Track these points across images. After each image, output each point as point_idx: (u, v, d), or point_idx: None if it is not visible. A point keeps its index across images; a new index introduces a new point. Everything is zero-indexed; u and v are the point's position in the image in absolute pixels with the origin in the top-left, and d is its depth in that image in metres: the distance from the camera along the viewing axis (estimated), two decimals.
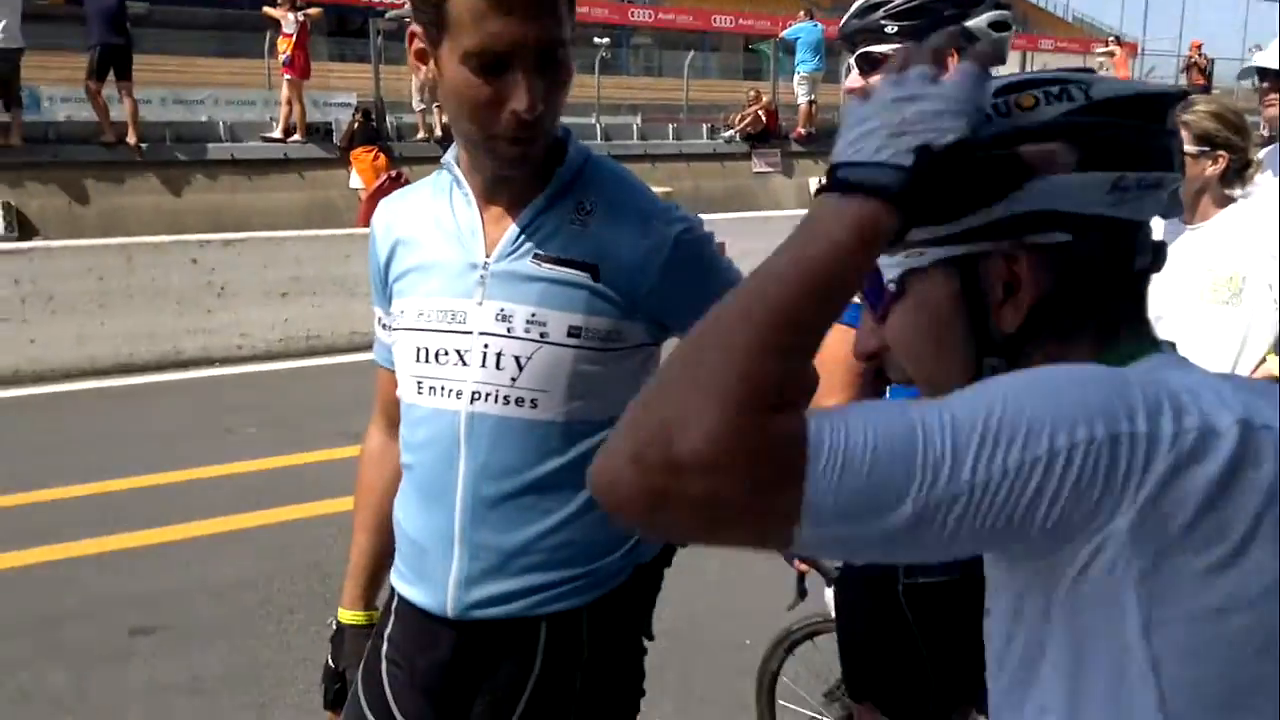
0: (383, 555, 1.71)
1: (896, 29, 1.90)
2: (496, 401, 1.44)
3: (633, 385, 1.46)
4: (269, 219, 12.06)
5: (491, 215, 1.48)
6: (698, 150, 17.56)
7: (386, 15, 15.35)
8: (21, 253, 7.45)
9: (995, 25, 1.92)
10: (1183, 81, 24.11)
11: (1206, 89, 20.84)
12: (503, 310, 1.43)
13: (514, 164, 1.39)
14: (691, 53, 22.50)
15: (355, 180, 12.94)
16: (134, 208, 12.41)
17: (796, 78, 16.57)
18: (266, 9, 14.01)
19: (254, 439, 5.92)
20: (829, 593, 2.16)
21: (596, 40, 19.52)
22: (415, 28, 1.36)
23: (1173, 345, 0.88)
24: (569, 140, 1.50)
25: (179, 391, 7.10)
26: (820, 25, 16.58)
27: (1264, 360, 2.69)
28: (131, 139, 12.40)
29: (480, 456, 1.45)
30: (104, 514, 4.76)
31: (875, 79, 1.88)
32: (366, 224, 9.51)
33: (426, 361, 1.48)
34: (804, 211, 0.82)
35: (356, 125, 13.34)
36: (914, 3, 1.90)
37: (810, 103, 16.78)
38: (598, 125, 16.79)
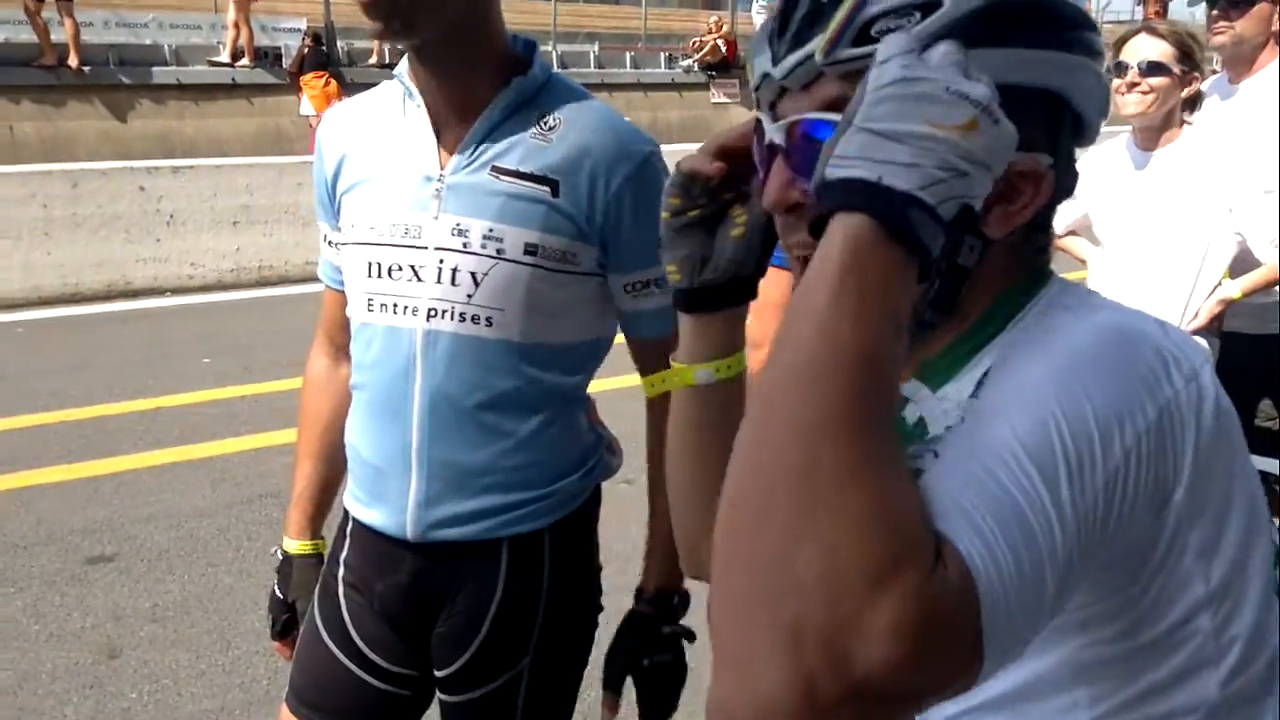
0: (329, 483, 1.70)
1: None
2: (452, 318, 1.41)
3: (585, 313, 1.47)
4: (218, 146, 11.81)
5: (445, 123, 1.43)
6: (656, 80, 17.37)
7: None
8: None
9: None
10: (1139, 12, 24.14)
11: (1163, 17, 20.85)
12: (459, 225, 1.40)
13: (368, 12, 1.32)
14: None
15: (306, 106, 12.67)
16: (78, 133, 12.08)
17: (755, 6, 16.36)
18: None
19: (207, 369, 5.86)
20: None
21: None
22: None
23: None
24: (533, 54, 1.47)
25: (129, 321, 6.98)
26: None
27: (1220, 282, 2.76)
28: (73, 62, 12.03)
29: (437, 374, 1.43)
30: (57, 443, 4.70)
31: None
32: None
33: (379, 277, 1.45)
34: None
35: (306, 50, 13.03)
36: None
37: None
38: (554, 53, 16.53)
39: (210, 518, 4.05)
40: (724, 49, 16.46)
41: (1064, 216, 3.01)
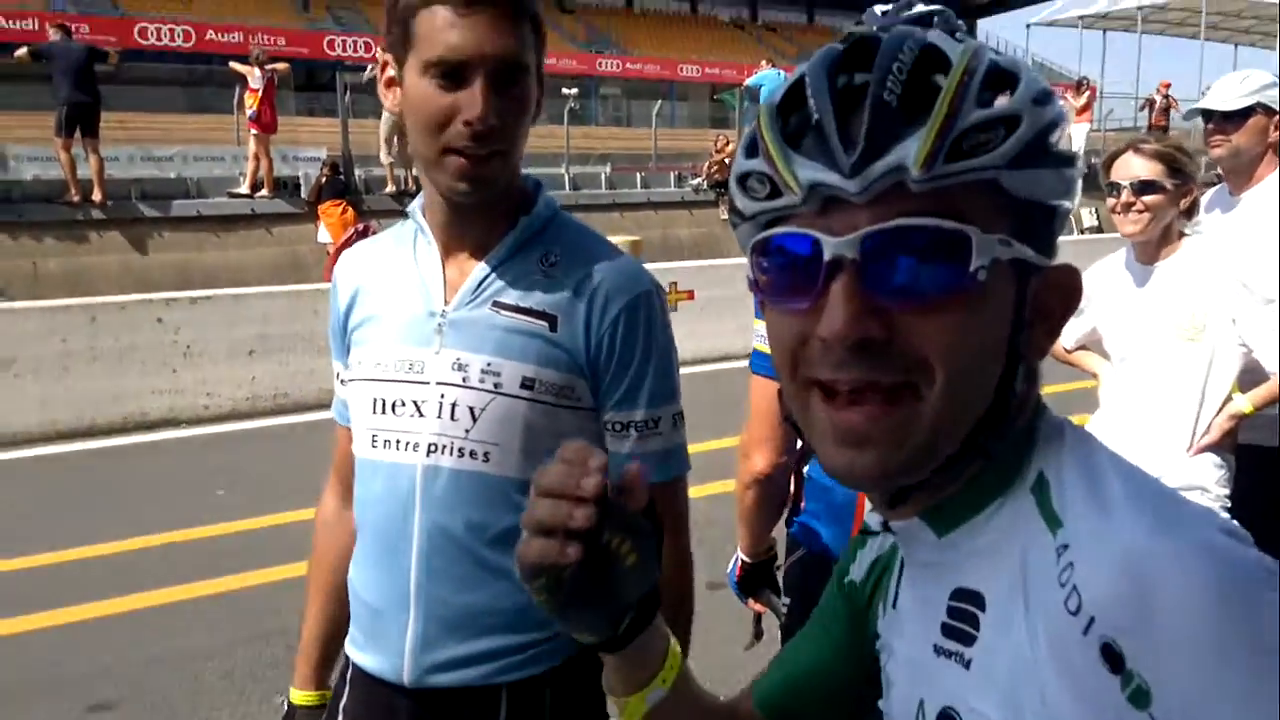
0: (337, 629, 1.66)
1: None
2: (452, 453, 1.41)
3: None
4: (236, 275, 12.01)
5: (454, 262, 1.46)
6: (666, 198, 17.70)
7: (364, 74, 15.45)
8: None
9: None
10: (1141, 121, 24.60)
11: (1165, 130, 21.24)
12: (459, 359, 1.42)
13: (467, 181, 1.36)
14: (659, 102, 22.76)
15: (323, 234, 12.93)
16: (99, 266, 12.33)
17: None
18: (233, 64, 14.08)
19: (222, 501, 5.83)
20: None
21: (565, 91, 19.70)
22: (385, 56, 1.41)
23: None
24: (538, 191, 1.50)
25: (144, 454, 6.99)
26: (783, 73, 16.70)
27: (1230, 397, 2.71)
28: (97, 196, 12.36)
29: (436, 511, 1.42)
30: (66, 583, 4.65)
31: None
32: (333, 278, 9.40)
33: (383, 413, 1.46)
34: None
35: (324, 179, 13.36)
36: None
37: None
38: (566, 175, 16.90)
39: (217, 659, 3.97)
40: (730, 166, 16.75)
41: (1072, 331, 2.99)
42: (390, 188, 14.49)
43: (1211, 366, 2.66)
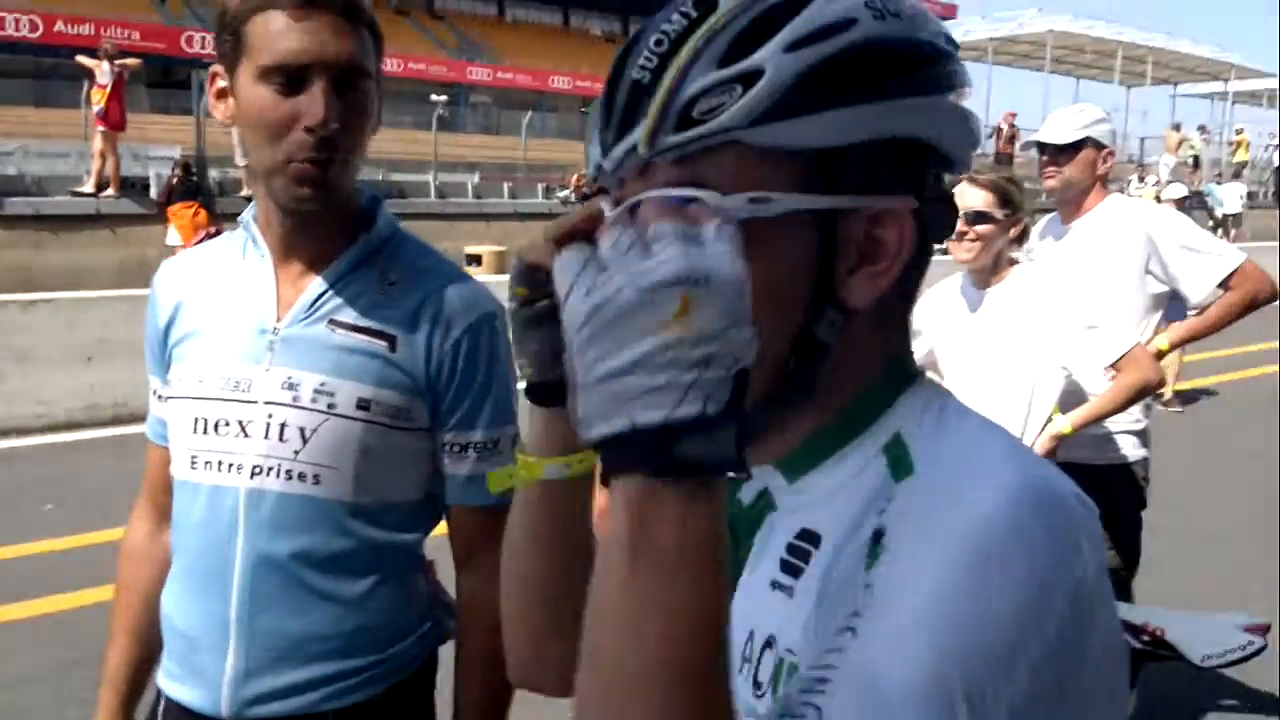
0: (147, 660, 1.59)
1: None
2: (278, 476, 1.36)
3: (421, 469, 1.44)
4: (79, 278, 11.43)
5: (288, 277, 1.41)
6: (533, 209, 17.67)
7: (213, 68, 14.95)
8: None
9: None
10: (990, 148, 25.77)
11: (1011, 157, 22.28)
12: (290, 378, 1.37)
13: (307, 188, 1.32)
14: (530, 113, 22.68)
15: (173, 236, 12.47)
16: None
17: None
18: (81, 58, 13.46)
19: (51, 516, 5.53)
20: None
21: (434, 97, 19.51)
22: (216, 67, 1.36)
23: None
24: (377, 207, 1.46)
25: None
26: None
27: (1051, 417, 2.84)
28: None
29: (260, 537, 1.37)
30: None
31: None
32: None
33: (204, 433, 1.39)
34: None
35: (176, 180, 12.90)
36: None
37: None
38: (433, 182, 16.70)
39: (45, 683, 3.75)
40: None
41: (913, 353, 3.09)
42: (246, 190, 14.06)
43: (1035, 389, 2.80)
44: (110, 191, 13.11)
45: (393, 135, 21.91)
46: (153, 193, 13.30)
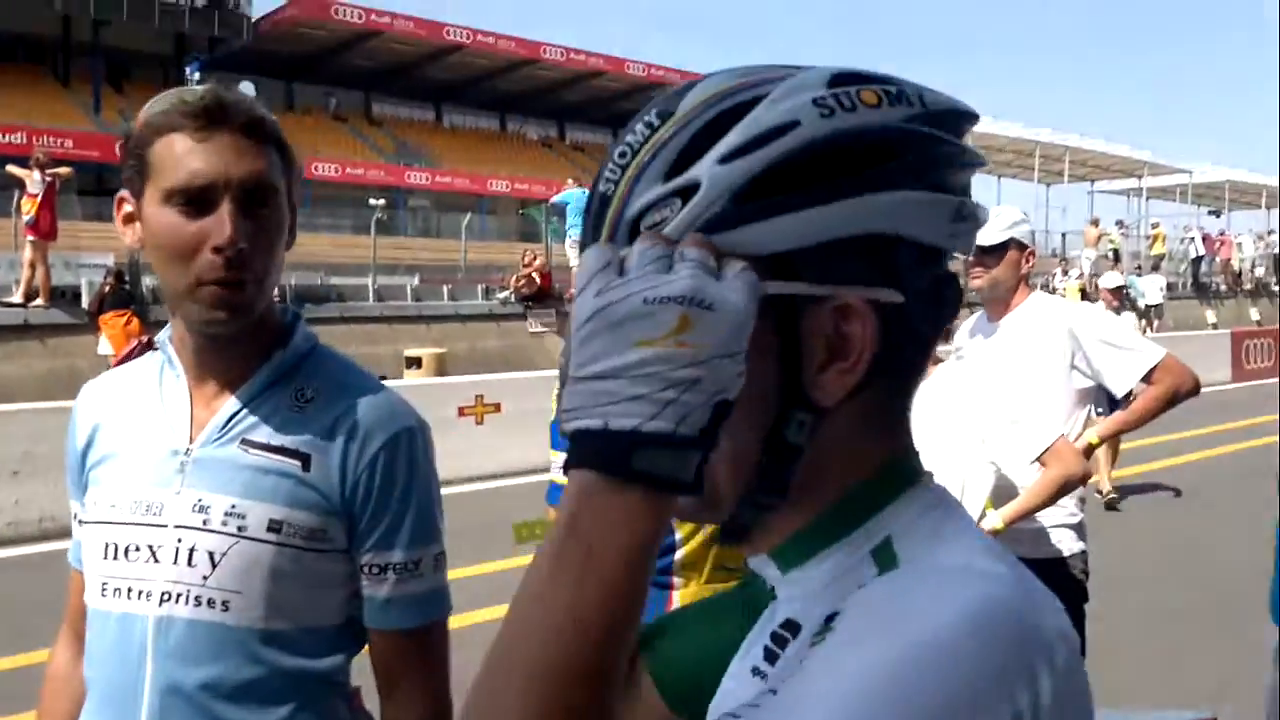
0: None
1: None
2: (188, 602, 1.32)
3: (339, 593, 1.40)
4: (6, 390, 11.15)
5: (202, 397, 1.38)
6: (474, 310, 17.69)
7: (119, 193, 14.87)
8: None
9: None
10: None
11: None
12: (200, 500, 1.33)
13: (221, 311, 1.30)
14: (468, 215, 22.88)
15: (105, 346, 12.28)
16: None
17: (568, 241, 17.08)
18: (10, 168, 13.31)
19: None
20: None
21: (373, 201, 19.60)
22: (122, 192, 1.35)
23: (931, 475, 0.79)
24: (296, 325, 1.44)
25: None
26: (589, 192, 17.19)
27: (984, 514, 2.87)
28: None
29: (168, 667, 1.32)
30: None
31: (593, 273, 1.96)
32: None
33: (115, 558, 1.35)
34: None
35: (108, 288, 12.72)
36: None
37: None
38: (372, 285, 16.68)
39: None
40: (539, 280, 17.00)
41: None
42: None
43: (965, 484, 2.83)
44: (39, 301, 12.87)
45: (332, 239, 21.97)
46: (84, 302, 13.08)
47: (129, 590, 1.34)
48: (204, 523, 1.32)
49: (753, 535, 0.74)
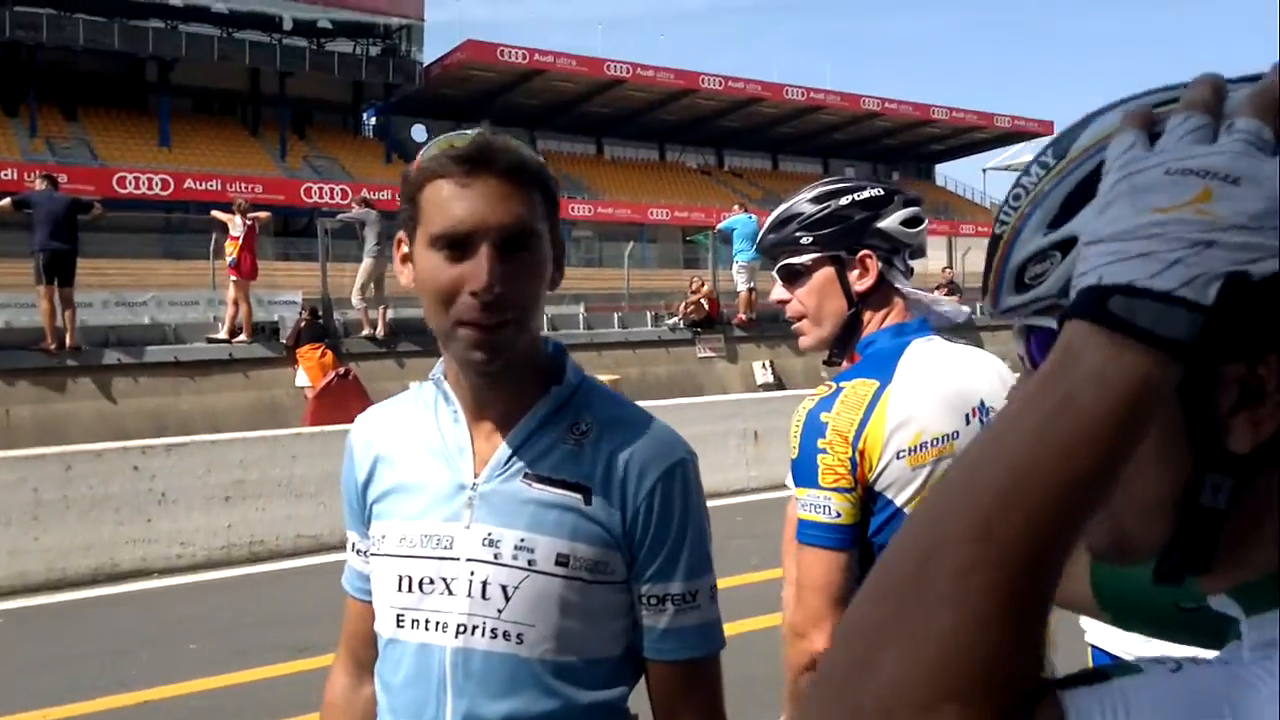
0: None
1: (811, 239, 1.95)
2: (484, 635, 1.34)
3: (621, 623, 1.40)
4: (212, 421, 11.90)
5: (481, 432, 1.41)
6: (643, 337, 17.87)
7: (337, 216, 15.69)
8: None
9: (907, 222, 1.97)
10: None
11: None
12: (490, 535, 1.35)
13: (479, 351, 1.32)
14: (631, 244, 23.17)
15: (302, 378, 12.90)
16: (72, 414, 12.18)
17: (735, 267, 17.06)
18: (215, 213, 14.24)
19: (195, 655, 5.61)
20: None
21: None
22: (400, 234, 1.40)
23: None
24: (565, 359, 1.46)
25: (116, 605, 6.76)
26: (755, 217, 17.23)
27: None
28: (70, 342, 12.28)
29: (468, 697, 1.34)
30: None
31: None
32: (314, 423, 9.31)
33: (410, 591, 1.38)
34: (749, 396, 0.69)
35: (304, 323, 13.38)
36: (824, 212, 1.95)
37: (750, 290, 17.23)
38: (545, 315, 17.05)
39: None
40: (707, 306, 17.06)
41: None
42: (366, 330, 14.56)
43: None
44: (243, 337, 13.66)
45: None
46: (281, 337, 13.82)
47: (426, 622, 1.37)
48: (495, 556, 1.35)
49: (1219, 571, 0.65)
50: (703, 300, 17.04)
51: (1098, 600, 0.91)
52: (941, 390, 1.86)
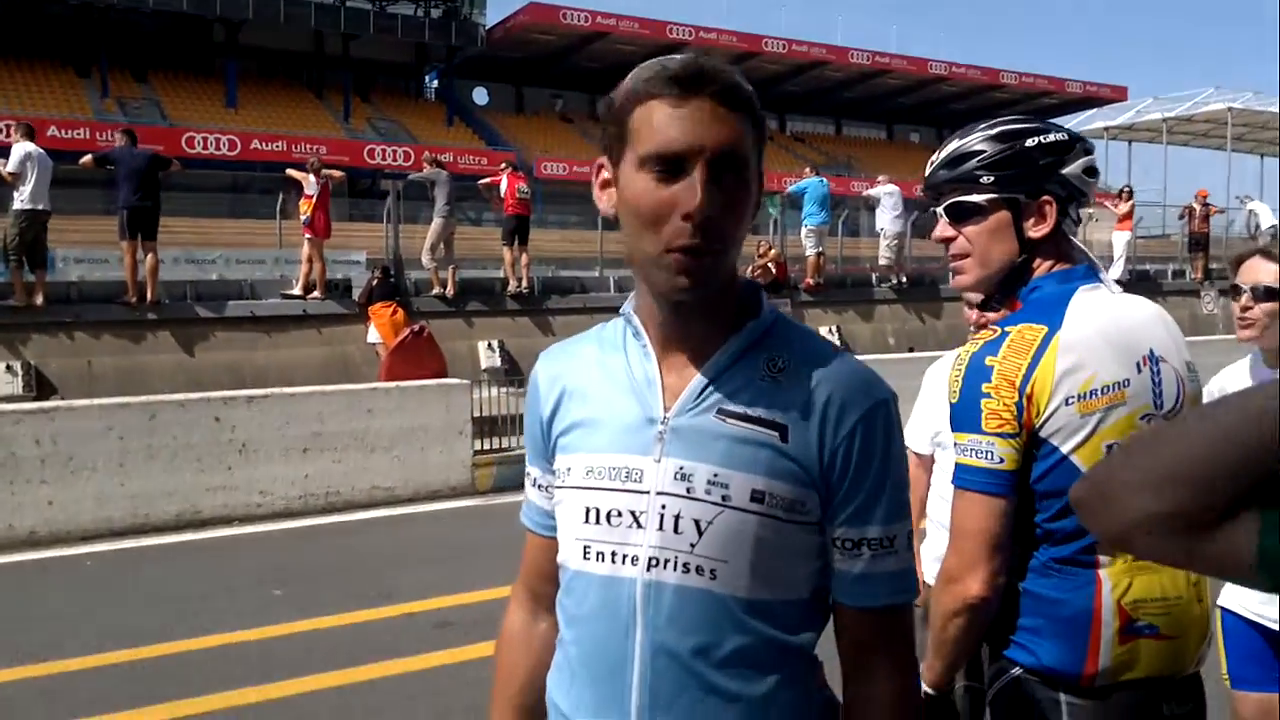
0: None
1: (992, 179, 1.87)
2: (675, 569, 1.31)
3: (813, 564, 1.36)
4: (286, 374, 12.07)
5: (672, 366, 1.37)
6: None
7: (409, 176, 15.78)
8: (44, 412, 7.35)
9: (1088, 171, 1.91)
10: (1172, 228, 24.71)
11: (1207, 236, 21.24)
12: (682, 469, 1.31)
13: (685, 278, 1.28)
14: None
15: (373, 335, 13.03)
16: (154, 366, 12.42)
17: (804, 230, 16.88)
18: (290, 171, 14.36)
19: (279, 601, 5.70)
20: None
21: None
22: (600, 159, 1.36)
23: None
24: (759, 295, 1.41)
25: (198, 552, 6.90)
26: (826, 180, 17.01)
27: None
28: (151, 297, 12.50)
29: (659, 629, 1.31)
30: (125, 684, 4.51)
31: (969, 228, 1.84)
32: (390, 378, 9.42)
33: (596, 523, 1.36)
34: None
35: (376, 281, 13.49)
36: (1008, 152, 1.87)
37: (819, 254, 17.05)
38: (611, 277, 17.02)
39: None
40: (774, 270, 16.87)
41: None
42: (436, 289, 14.65)
43: None
44: (316, 294, 13.80)
45: (562, 235, 22.64)
46: (353, 294, 13.95)
47: (613, 554, 1.34)
48: (687, 490, 1.31)
49: None
50: (770, 264, 16.86)
51: (1261, 564, 0.93)
52: (1112, 338, 1.79)
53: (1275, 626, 2.64)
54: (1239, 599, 2.74)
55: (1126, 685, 1.77)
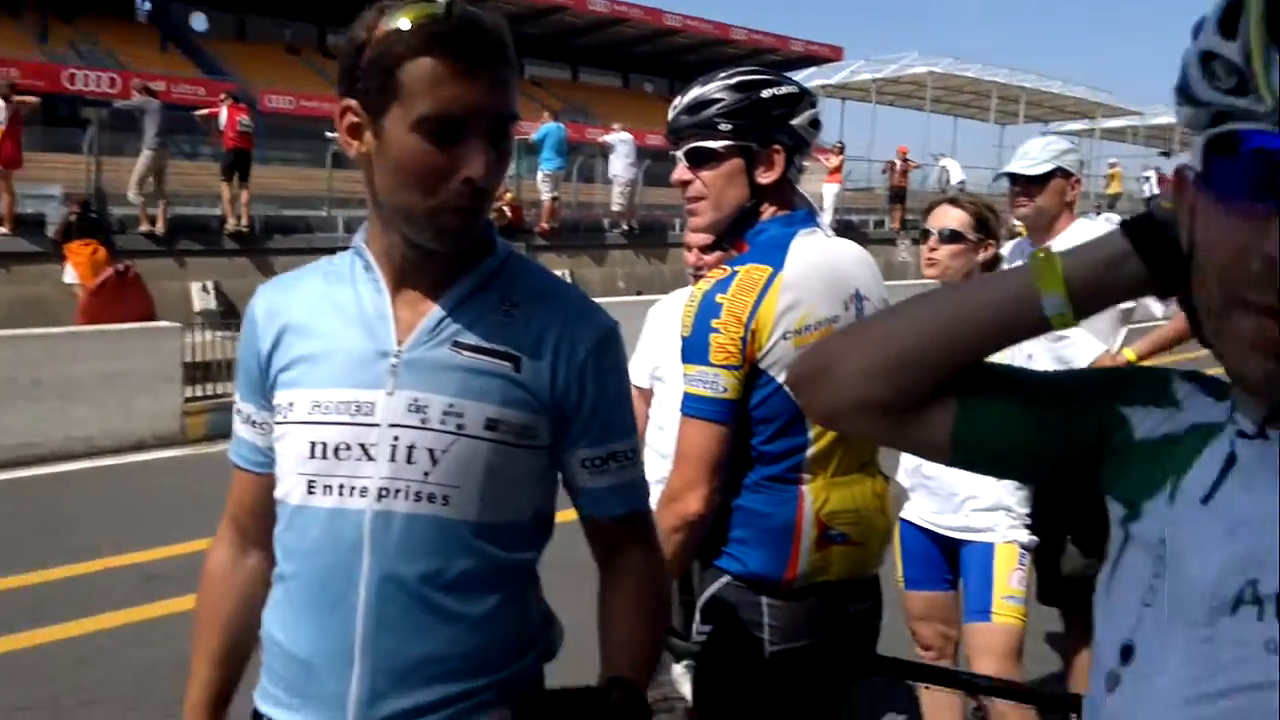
0: (230, 689, 1.55)
1: (730, 127, 1.98)
2: (406, 498, 1.33)
3: (539, 487, 1.44)
4: None
5: (404, 300, 1.39)
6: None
7: (115, 104, 14.49)
8: None
9: (813, 124, 2.07)
10: (877, 182, 26.63)
11: (905, 190, 23.01)
12: (416, 400, 1.34)
13: (458, 236, 1.32)
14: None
15: (70, 275, 11.98)
16: None
17: (540, 175, 16.92)
18: None
19: None
20: (676, 669, 2.10)
21: (328, 134, 19.13)
22: (349, 102, 1.31)
23: None
24: (492, 232, 1.44)
25: None
26: (563, 126, 17.07)
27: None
28: None
29: (386, 558, 1.33)
30: None
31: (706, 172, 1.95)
32: (88, 321, 8.78)
33: (323, 457, 1.35)
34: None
35: (74, 217, 12.39)
36: (745, 102, 1.99)
37: (554, 199, 17.16)
38: (339, 217, 16.44)
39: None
40: (509, 214, 16.81)
41: None
42: (145, 226, 13.63)
43: None
44: (3, 229, 12.51)
45: (288, 173, 21.56)
46: (47, 231, 12.73)
47: (340, 487, 1.35)
48: (422, 421, 1.34)
49: None
50: (505, 208, 16.79)
51: (956, 447, 1.03)
52: (826, 277, 1.97)
53: (944, 533, 2.97)
54: (916, 510, 3.06)
55: (819, 587, 1.97)
